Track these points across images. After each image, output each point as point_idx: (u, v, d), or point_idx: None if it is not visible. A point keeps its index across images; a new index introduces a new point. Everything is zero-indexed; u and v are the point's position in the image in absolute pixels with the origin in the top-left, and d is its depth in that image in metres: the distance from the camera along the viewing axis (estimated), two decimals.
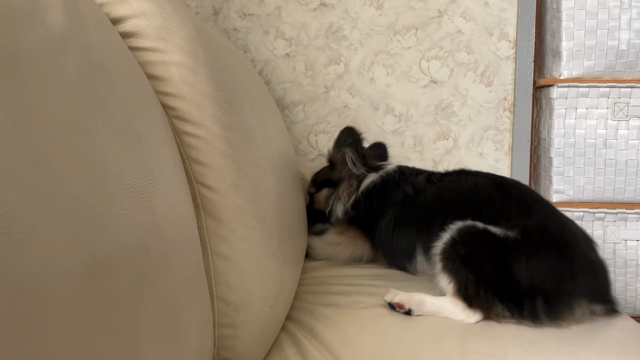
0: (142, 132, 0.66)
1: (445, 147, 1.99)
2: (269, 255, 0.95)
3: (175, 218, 0.68)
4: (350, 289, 1.22)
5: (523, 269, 1.04)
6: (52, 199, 0.42)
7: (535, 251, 1.06)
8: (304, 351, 0.98)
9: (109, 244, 0.49)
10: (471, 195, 1.23)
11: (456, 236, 1.10)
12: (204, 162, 0.84)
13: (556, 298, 1.03)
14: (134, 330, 0.52)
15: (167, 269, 0.62)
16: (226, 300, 0.85)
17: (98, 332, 0.45)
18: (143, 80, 0.76)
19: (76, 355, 0.41)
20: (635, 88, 1.85)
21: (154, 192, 0.63)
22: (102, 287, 0.47)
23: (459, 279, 1.08)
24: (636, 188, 1.91)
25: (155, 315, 0.57)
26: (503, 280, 1.05)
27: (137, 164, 0.61)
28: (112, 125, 0.58)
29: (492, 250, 1.07)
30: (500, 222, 1.11)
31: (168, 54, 0.84)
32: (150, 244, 0.58)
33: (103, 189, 0.51)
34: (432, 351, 0.98)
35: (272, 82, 1.94)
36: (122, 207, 0.54)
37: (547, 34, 1.94)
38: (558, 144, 1.89)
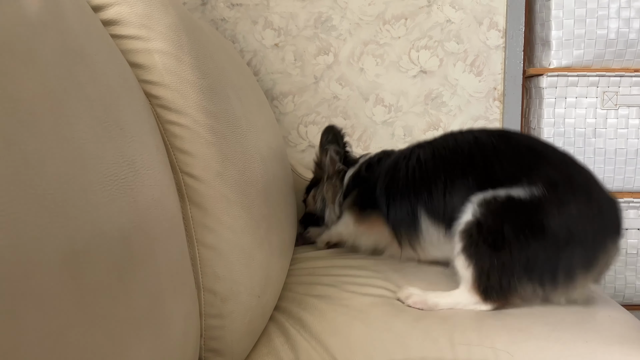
0: (123, 119, 0.65)
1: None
2: (256, 245, 0.94)
3: (158, 207, 0.67)
4: (339, 280, 1.21)
5: (556, 221, 0.99)
6: (27, 184, 0.41)
7: (567, 201, 1.01)
8: (292, 341, 0.97)
9: (88, 232, 0.48)
10: (476, 149, 1.13)
11: (479, 216, 1.03)
12: (188, 151, 0.83)
13: (592, 242, 1.01)
14: (116, 319, 0.51)
15: (150, 259, 0.61)
16: (213, 291, 0.84)
17: (77, 319, 0.44)
18: (125, 68, 0.75)
19: (53, 342, 0.40)
20: (624, 77, 1.85)
21: (136, 181, 0.62)
22: (81, 274, 0.46)
23: (481, 265, 1.02)
24: (625, 177, 1.91)
25: (137, 305, 0.56)
26: (534, 252, 1.00)
27: (118, 152, 0.60)
28: (92, 112, 0.57)
29: (521, 224, 1.01)
30: (522, 179, 1.04)
31: (151, 42, 0.83)
32: (132, 233, 0.58)
33: (82, 176, 0.50)
34: (421, 340, 0.98)
35: (261, 73, 1.92)
36: (102, 195, 0.53)
37: (536, 23, 1.93)
38: (548, 133, 1.89)
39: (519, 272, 1.00)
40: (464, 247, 1.05)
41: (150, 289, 0.60)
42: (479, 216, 1.03)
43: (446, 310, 1.08)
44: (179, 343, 0.69)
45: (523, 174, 1.04)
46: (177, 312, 0.69)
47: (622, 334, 0.99)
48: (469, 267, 1.05)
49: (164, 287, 0.65)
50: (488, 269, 1.02)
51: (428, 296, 1.07)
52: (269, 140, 1.26)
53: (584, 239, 1.00)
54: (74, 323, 0.44)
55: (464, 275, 1.06)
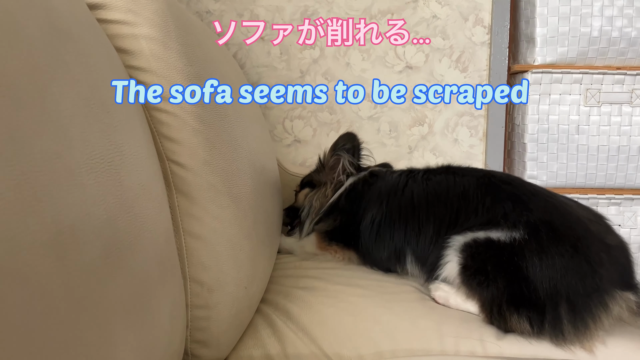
0: (110, 103, 0.63)
1: (420, 133, 1.99)
2: (243, 236, 0.93)
3: (145, 193, 0.66)
4: (327, 273, 1.20)
5: (538, 273, 0.95)
6: (11, 161, 0.40)
7: (547, 250, 0.97)
8: (279, 333, 0.96)
9: (73, 213, 0.47)
10: (461, 202, 1.13)
11: (462, 258, 1.04)
12: (175, 138, 0.82)
13: (584, 299, 0.93)
14: (103, 303, 0.49)
15: (136, 244, 0.60)
16: (199, 281, 0.83)
17: (63, 300, 0.42)
18: (111, 52, 0.73)
19: (38, 322, 0.39)
20: (607, 75, 1.87)
21: (123, 165, 0.61)
22: (67, 255, 0.44)
23: (475, 299, 1.03)
24: (607, 174, 1.94)
25: (125, 290, 0.55)
26: (520, 291, 0.96)
27: (104, 135, 0.58)
28: (78, 92, 0.55)
29: (502, 262, 0.99)
30: (499, 222, 1.04)
31: (138, 27, 0.81)
32: (119, 217, 0.56)
33: (67, 155, 0.48)
34: (409, 332, 0.97)
35: (246, 66, 1.91)
36: (88, 176, 0.52)
37: (521, 20, 1.95)
38: (532, 129, 1.91)
39: (508, 306, 0.97)
40: (459, 287, 1.05)
41: (137, 274, 0.59)
42: (462, 258, 1.04)
43: (434, 303, 1.08)
44: (166, 332, 0.68)
45: (501, 218, 1.04)
46: (164, 301, 0.68)
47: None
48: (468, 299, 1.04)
49: (151, 273, 0.64)
50: (482, 304, 1.02)
51: (451, 297, 1.06)
52: (256, 132, 1.25)
53: (570, 295, 0.94)
54: (59, 304, 0.42)
55: (469, 306, 1.05)
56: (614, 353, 0.93)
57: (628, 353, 0.93)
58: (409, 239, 1.17)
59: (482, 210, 1.08)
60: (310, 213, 1.42)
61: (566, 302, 0.94)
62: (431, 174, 1.25)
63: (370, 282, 1.15)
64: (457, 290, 1.05)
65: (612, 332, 0.97)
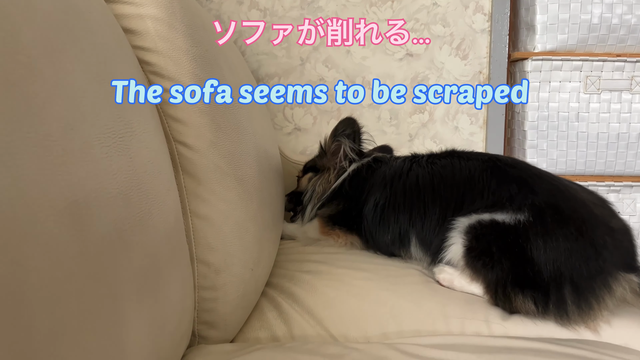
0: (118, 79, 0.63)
1: (421, 121, 1.99)
2: (249, 218, 0.93)
3: (154, 170, 0.66)
4: (330, 257, 1.21)
5: (542, 255, 0.96)
6: (29, 127, 0.39)
7: (552, 232, 0.97)
8: (285, 315, 0.97)
9: (88, 185, 0.47)
10: (467, 185, 1.13)
11: (466, 240, 1.04)
12: (181, 119, 0.82)
13: (588, 281, 0.94)
14: (117, 276, 0.49)
15: (148, 220, 0.60)
16: (206, 262, 0.83)
17: (80, 269, 0.42)
18: (118, 30, 0.73)
19: (55, 287, 0.39)
20: (607, 62, 1.87)
21: (133, 141, 0.60)
22: (84, 226, 0.44)
23: (480, 281, 1.03)
24: (606, 161, 1.94)
25: (137, 265, 0.55)
26: (524, 272, 0.97)
27: (115, 110, 0.58)
28: (88, 66, 0.55)
29: (507, 243, 0.99)
30: (504, 205, 1.04)
31: (144, 7, 0.80)
32: (131, 192, 0.56)
33: (80, 127, 0.48)
34: (414, 313, 0.98)
35: (246, 54, 1.90)
36: (100, 150, 0.51)
37: (521, 7, 1.94)
38: (532, 117, 1.91)
39: (513, 287, 0.98)
40: (463, 269, 1.05)
41: (149, 250, 0.59)
42: (466, 240, 1.04)
43: (438, 286, 1.08)
44: (176, 310, 0.68)
45: (507, 201, 1.04)
46: (174, 279, 0.68)
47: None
48: (473, 281, 1.05)
49: (161, 251, 0.64)
50: (487, 286, 1.02)
51: (455, 279, 1.07)
52: (259, 118, 1.25)
53: (574, 278, 0.94)
54: (77, 272, 0.42)
55: (473, 288, 1.05)
56: (617, 332, 0.94)
57: (632, 332, 0.94)
58: (414, 222, 1.17)
59: (488, 193, 1.08)
60: (313, 198, 1.42)
61: (570, 284, 0.94)
62: (435, 158, 1.25)
63: (374, 265, 1.15)
64: (462, 273, 1.05)
65: (616, 313, 0.97)
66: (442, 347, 0.82)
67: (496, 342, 0.85)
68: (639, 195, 1.98)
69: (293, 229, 1.44)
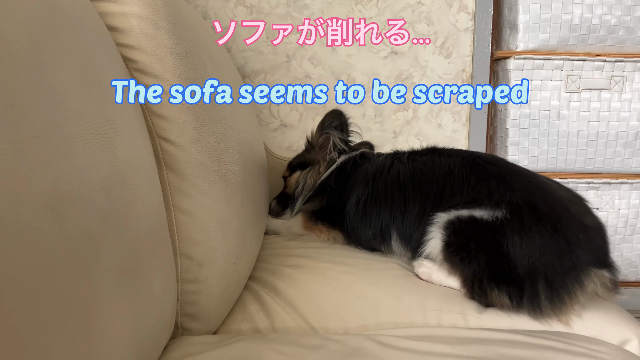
0: (102, 77, 0.65)
1: (405, 118, 2.02)
2: (232, 212, 0.95)
3: (137, 166, 0.67)
4: (313, 252, 1.23)
5: (518, 251, 0.99)
6: (12, 123, 0.41)
7: (528, 229, 1.00)
8: (267, 308, 0.99)
9: (70, 179, 0.48)
10: (446, 181, 1.16)
11: (445, 235, 1.07)
12: (165, 115, 0.83)
13: (560, 276, 0.97)
14: (99, 267, 0.51)
15: (129, 214, 0.62)
16: (189, 256, 0.85)
17: (61, 260, 0.44)
18: (102, 28, 0.74)
19: (37, 278, 0.41)
20: (587, 61, 1.91)
21: (115, 137, 0.62)
22: (66, 219, 0.46)
23: (457, 275, 1.06)
24: (586, 158, 1.98)
25: (119, 257, 0.57)
26: (500, 267, 1.00)
27: (98, 108, 0.60)
28: (72, 64, 0.56)
29: (484, 239, 1.02)
30: (483, 201, 1.07)
31: (128, 6, 0.82)
32: (113, 186, 0.58)
33: (63, 124, 0.50)
34: (393, 306, 1.00)
35: (232, 50, 1.91)
36: (83, 145, 0.53)
37: (504, 7, 1.98)
38: (514, 115, 1.94)
39: (489, 281, 1.00)
40: (441, 263, 1.08)
41: (131, 243, 0.61)
42: (445, 235, 1.07)
43: (417, 279, 1.11)
44: (158, 302, 0.70)
45: (485, 197, 1.07)
46: (156, 272, 0.70)
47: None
48: (450, 275, 1.07)
49: (144, 244, 0.65)
50: (464, 280, 1.05)
51: (434, 273, 1.09)
52: (244, 114, 1.26)
53: (548, 273, 0.97)
54: (59, 263, 0.44)
55: (451, 282, 1.08)
56: (588, 325, 0.97)
57: (601, 325, 0.97)
58: (395, 217, 1.20)
59: (467, 189, 1.11)
60: (304, 190, 1.44)
61: (544, 279, 0.97)
62: (417, 155, 1.28)
63: (356, 260, 1.17)
64: (440, 267, 1.08)
65: (588, 307, 1.01)
66: (418, 338, 0.84)
67: (470, 334, 0.88)
68: (617, 192, 2.02)
69: (277, 224, 1.46)
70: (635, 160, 1.99)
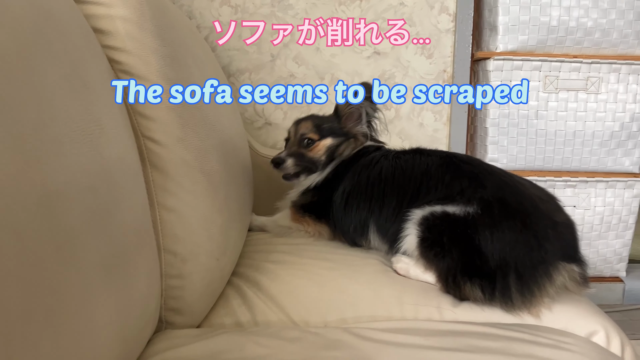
0: (89, 79, 0.67)
1: (387, 117, 2.04)
2: (215, 210, 0.97)
3: (122, 165, 0.70)
4: (296, 248, 1.26)
5: (489, 245, 1.02)
6: (3, 125, 0.44)
7: (498, 224, 1.03)
8: (249, 302, 1.02)
9: (60, 179, 0.51)
10: (423, 178, 1.20)
11: (420, 231, 1.10)
12: (149, 115, 0.86)
13: (530, 270, 1.01)
14: (86, 262, 0.54)
15: (115, 211, 0.64)
16: (173, 252, 0.88)
17: (52, 256, 0.47)
18: (89, 31, 0.77)
19: (29, 273, 0.43)
20: (564, 62, 1.96)
21: (102, 138, 0.65)
22: (55, 216, 0.49)
23: (433, 270, 1.09)
24: (563, 157, 2.03)
25: (106, 253, 0.59)
26: (473, 262, 1.03)
27: (84, 109, 0.62)
28: (60, 67, 0.59)
29: (457, 234, 1.06)
30: (455, 198, 1.10)
31: (114, 8, 0.84)
32: (100, 185, 0.60)
33: (52, 126, 0.52)
34: (372, 300, 1.04)
35: (217, 49, 1.93)
36: (70, 146, 0.56)
37: (485, 8, 2.02)
38: (493, 114, 1.99)
39: (462, 275, 1.04)
40: (417, 258, 1.11)
41: (117, 240, 0.63)
42: (419, 230, 1.10)
43: (396, 275, 1.15)
44: (143, 296, 0.73)
45: (457, 194, 1.11)
46: (141, 267, 0.72)
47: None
48: (426, 271, 1.11)
49: (129, 240, 0.68)
50: (439, 274, 1.08)
51: (411, 269, 1.13)
52: (228, 113, 1.29)
53: (518, 267, 1.01)
54: (48, 259, 0.47)
55: (427, 276, 1.12)
56: (558, 318, 1.01)
57: (570, 317, 1.01)
58: (373, 209, 1.24)
59: (442, 186, 1.15)
60: (336, 159, 1.41)
61: (514, 273, 1.01)
62: (402, 153, 1.32)
63: (338, 255, 1.21)
64: (417, 262, 1.12)
65: (558, 300, 1.05)
66: (394, 330, 0.88)
67: (445, 327, 0.92)
68: (593, 190, 2.07)
69: (263, 220, 1.49)
70: (611, 159, 2.05)
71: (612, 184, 2.07)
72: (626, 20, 1.93)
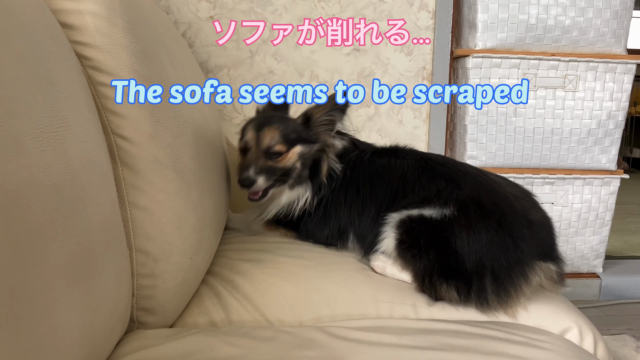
0: (54, 76, 0.65)
1: (367, 114, 2.05)
2: (189, 208, 0.96)
3: (89, 164, 0.68)
4: (272, 246, 1.25)
5: (466, 247, 1.03)
6: None
7: (474, 226, 1.04)
8: (224, 301, 1.01)
9: (19, 178, 0.49)
10: (399, 183, 1.20)
11: (397, 234, 1.11)
12: (120, 113, 0.84)
13: (506, 270, 1.02)
14: (48, 263, 0.52)
15: (81, 211, 0.63)
16: (145, 251, 0.86)
17: (10, 257, 0.46)
18: (55, 26, 0.75)
19: None
20: (542, 60, 1.97)
21: (67, 136, 0.63)
22: (13, 217, 0.47)
23: (409, 270, 1.10)
24: (541, 154, 2.05)
25: (70, 254, 0.58)
26: (449, 263, 1.04)
27: (48, 106, 0.61)
28: (21, 64, 0.57)
29: (434, 236, 1.06)
30: (432, 201, 1.11)
31: (82, 3, 0.82)
32: (64, 184, 0.59)
33: (11, 124, 0.51)
34: (348, 298, 1.03)
35: (195, 45, 1.91)
36: (32, 144, 0.54)
37: (464, 6, 2.02)
38: (472, 112, 2.00)
39: (438, 276, 1.05)
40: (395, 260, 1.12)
41: (82, 241, 0.62)
42: (397, 233, 1.11)
43: (372, 273, 1.14)
44: (111, 297, 0.71)
45: (434, 196, 1.12)
46: (109, 267, 0.71)
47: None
48: (403, 270, 1.11)
49: (96, 241, 0.67)
50: (415, 274, 1.09)
51: (387, 267, 1.13)
52: (203, 109, 1.27)
53: (494, 268, 1.02)
54: (6, 260, 0.45)
55: (404, 276, 1.12)
56: (532, 315, 1.02)
57: (544, 315, 1.02)
58: (353, 219, 1.24)
59: (419, 189, 1.16)
60: (321, 175, 1.29)
61: (491, 274, 1.02)
62: (378, 156, 1.28)
63: (314, 254, 1.20)
64: (394, 262, 1.12)
65: (533, 299, 1.05)
66: (368, 329, 0.88)
67: (419, 325, 0.92)
68: (571, 187, 2.10)
69: (238, 221, 1.48)
70: (588, 156, 2.07)
71: (590, 181, 2.09)
72: (603, 18, 1.95)
